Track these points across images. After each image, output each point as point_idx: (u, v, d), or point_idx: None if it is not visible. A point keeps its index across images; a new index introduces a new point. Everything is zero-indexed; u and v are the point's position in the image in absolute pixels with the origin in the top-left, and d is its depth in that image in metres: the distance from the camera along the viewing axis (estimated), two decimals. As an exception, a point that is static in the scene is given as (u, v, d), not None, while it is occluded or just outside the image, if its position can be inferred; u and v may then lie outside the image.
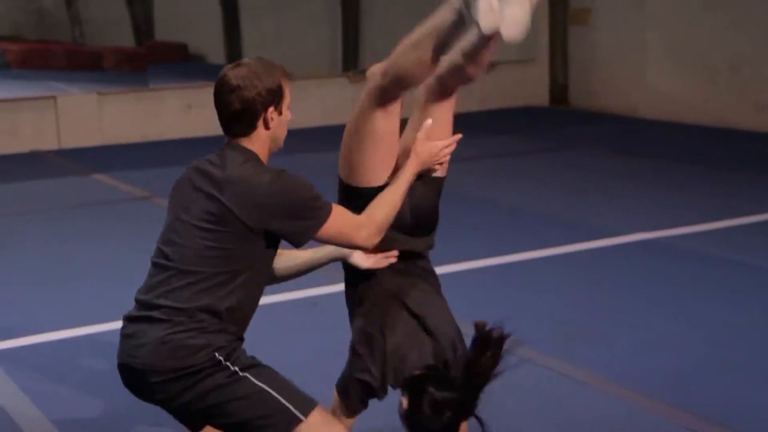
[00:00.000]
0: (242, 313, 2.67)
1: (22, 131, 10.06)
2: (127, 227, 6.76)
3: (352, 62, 15.19)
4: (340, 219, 2.66)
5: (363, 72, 12.83)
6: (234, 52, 18.16)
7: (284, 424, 2.58)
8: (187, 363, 2.55)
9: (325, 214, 2.62)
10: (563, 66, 12.37)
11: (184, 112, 10.73)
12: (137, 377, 2.61)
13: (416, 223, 3.03)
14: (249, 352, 2.72)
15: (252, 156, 2.64)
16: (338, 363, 3.06)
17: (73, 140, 10.11)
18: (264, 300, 2.80)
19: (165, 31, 19.74)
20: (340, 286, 3.09)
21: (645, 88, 11.39)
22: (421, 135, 2.92)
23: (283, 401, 2.58)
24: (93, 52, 17.72)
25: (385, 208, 2.76)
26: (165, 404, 2.64)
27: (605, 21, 11.78)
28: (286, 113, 2.68)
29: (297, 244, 2.66)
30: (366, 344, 2.87)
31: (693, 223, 6.54)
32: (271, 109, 2.62)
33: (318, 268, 3.00)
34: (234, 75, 2.61)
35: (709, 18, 10.61)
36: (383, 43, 12.88)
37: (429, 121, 2.97)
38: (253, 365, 2.62)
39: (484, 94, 12.34)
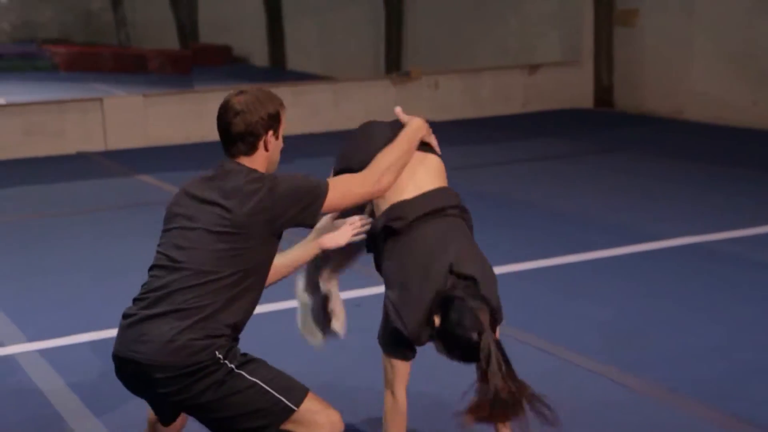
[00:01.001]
0: (245, 314, 2.81)
1: (69, 133, 10.19)
2: (171, 228, 6.81)
3: (395, 64, 15.20)
4: (339, 184, 2.90)
5: (407, 74, 12.74)
6: (277, 55, 18.28)
7: (277, 415, 2.72)
8: (192, 362, 2.66)
9: (324, 187, 2.85)
10: (608, 67, 12.27)
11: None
12: (140, 372, 2.70)
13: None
14: (293, 355, 2.73)
15: (253, 169, 2.84)
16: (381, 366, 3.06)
17: (119, 142, 10.23)
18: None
19: (209, 33, 19.92)
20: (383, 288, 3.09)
21: (691, 90, 11.26)
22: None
23: (275, 394, 2.71)
24: (138, 55, 17.92)
25: (387, 156, 2.98)
26: (162, 399, 2.75)
27: (651, 22, 11.67)
28: (281, 140, 2.90)
29: (311, 225, 2.89)
30: (395, 294, 2.93)
31: (739, 227, 6.45)
32: (270, 132, 2.85)
33: (299, 267, 3.09)
34: (238, 101, 2.84)
35: (757, 19, 10.47)
36: (426, 44, 12.86)
37: (398, 108, 3.20)
38: (247, 361, 2.75)
39: (527, 96, 12.28)
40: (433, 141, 3.24)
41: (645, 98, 11.86)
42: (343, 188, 2.89)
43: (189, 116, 10.54)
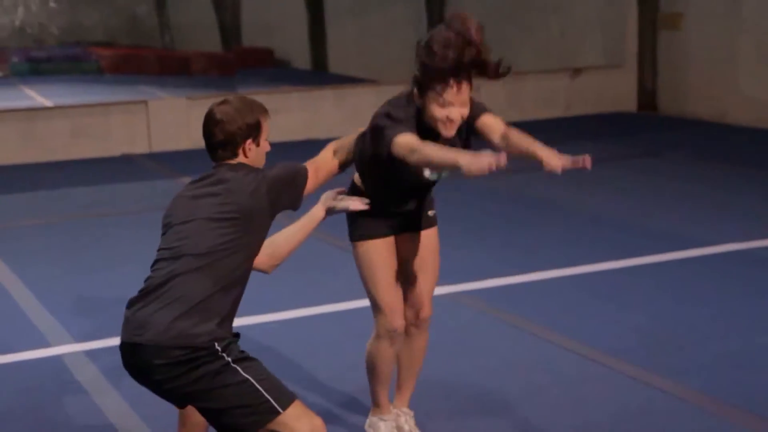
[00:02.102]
0: (237, 301, 2.93)
1: (114, 135, 10.33)
2: (214, 230, 6.88)
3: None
4: (318, 167, 3.20)
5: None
6: (319, 58, 18.35)
7: (263, 414, 2.80)
8: (189, 344, 2.76)
9: (305, 171, 3.08)
10: (652, 71, 12.17)
11: (271, 117, 10.86)
12: (140, 356, 2.80)
13: None
14: (330, 359, 2.75)
15: (242, 165, 3.00)
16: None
17: (163, 144, 10.34)
18: (338, 307, 2.81)
19: (252, 36, 20.05)
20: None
21: (736, 94, 11.13)
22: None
23: (264, 393, 2.80)
24: (182, 57, 18.10)
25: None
26: (159, 385, 2.84)
27: (696, 25, 11.56)
28: (264, 145, 3.04)
29: (298, 207, 3.06)
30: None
31: (786, 233, 6.38)
32: (249, 141, 2.99)
33: (305, 237, 3.13)
34: (219, 111, 2.99)
35: (804, 22, 10.32)
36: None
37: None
38: (244, 358, 2.84)
39: (570, 100, 12.22)
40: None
41: (689, 102, 11.74)
42: (314, 171, 3.15)
43: (232, 119, 10.59)
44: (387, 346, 3.48)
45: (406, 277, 3.51)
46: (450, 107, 3.16)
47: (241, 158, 2.99)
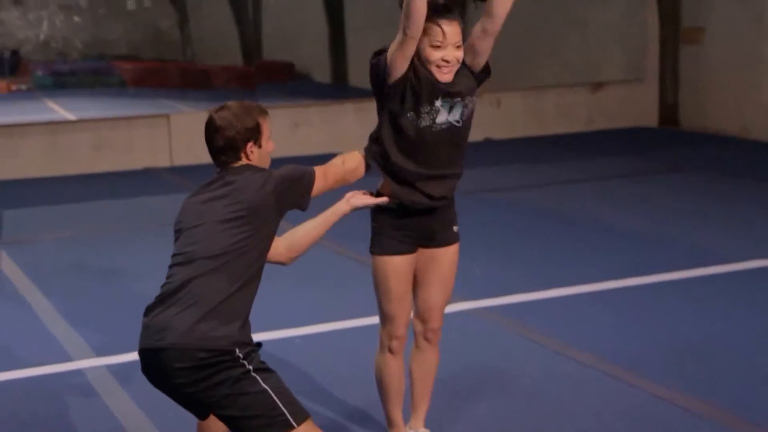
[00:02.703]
0: (252, 301, 2.93)
1: (137, 148, 10.39)
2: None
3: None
4: (327, 170, 3.19)
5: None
6: (339, 71, 18.41)
7: (277, 426, 2.82)
8: (210, 347, 2.78)
9: (312, 173, 3.10)
10: (673, 85, 12.12)
11: (291, 131, 10.91)
12: (161, 360, 2.81)
13: None
14: (347, 374, 2.75)
15: (248, 166, 3.03)
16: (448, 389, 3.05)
17: (185, 158, 10.39)
18: (357, 322, 2.81)
19: (272, 50, 20.14)
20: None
21: (758, 109, 11.06)
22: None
23: (281, 406, 2.82)
24: (204, 71, 18.20)
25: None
26: (178, 389, 2.85)
27: (718, 39, 11.51)
28: (267, 145, 3.08)
29: (305, 207, 3.09)
30: None
31: (811, 249, 6.32)
32: (250, 144, 3.03)
33: (326, 230, 3.18)
34: (218, 117, 3.06)
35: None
36: (491, 63, 12.63)
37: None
38: (264, 369, 2.86)
39: (591, 114, 12.19)
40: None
41: (711, 117, 11.68)
42: (323, 173, 3.16)
43: (253, 133, 10.64)
44: (390, 357, 3.50)
45: (419, 289, 3.51)
46: (443, 49, 3.22)
47: (244, 161, 3.04)
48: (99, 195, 8.99)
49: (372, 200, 3.25)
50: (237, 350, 2.81)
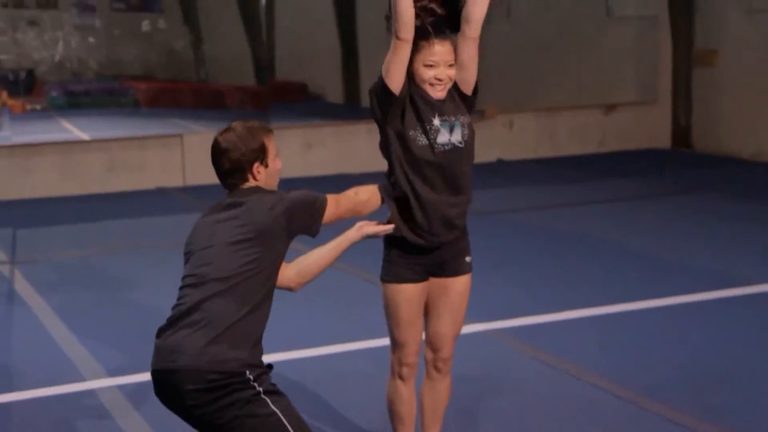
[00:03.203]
0: (264, 323, 2.94)
1: (150, 168, 10.43)
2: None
3: (469, 102, 15.21)
4: (339, 198, 3.17)
5: (482, 113, 12.70)
6: (352, 92, 18.45)
7: None
8: (222, 369, 2.79)
9: (324, 200, 3.09)
10: (686, 107, 12.11)
11: (304, 151, 10.93)
12: (174, 382, 2.82)
13: None
14: (359, 395, 2.73)
15: (258, 188, 3.04)
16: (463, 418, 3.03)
17: (198, 177, 10.41)
18: (370, 344, 2.77)
19: (286, 70, 20.21)
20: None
21: (772, 131, 11.04)
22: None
23: (290, 429, 2.82)
24: (217, 91, 18.27)
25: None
26: (190, 411, 2.85)
27: (732, 62, 11.50)
28: (274, 164, 3.09)
29: (315, 233, 3.08)
30: None
31: (826, 273, 6.28)
32: (256, 164, 3.04)
33: (336, 258, 3.19)
34: (223, 139, 3.06)
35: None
36: (504, 84, 12.77)
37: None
38: (274, 391, 2.86)
39: (604, 136, 12.18)
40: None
41: (724, 139, 11.66)
42: (335, 201, 3.15)
43: (266, 153, 10.66)
44: (401, 383, 3.49)
45: (430, 318, 3.50)
46: (436, 68, 3.29)
47: (251, 182, 3.04)
48: (112, 214, 9.02)
49: (383, 228, 3.25)
50: (247, 372, 2.82)
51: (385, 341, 5.07)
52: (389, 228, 3.28)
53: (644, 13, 12.43)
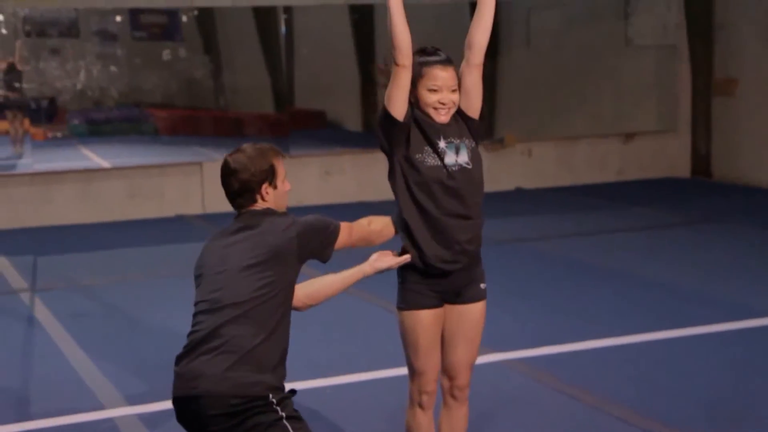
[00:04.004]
0: (285, 344, 2.95)
1: (169, 196, 10.48)
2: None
3: (487, 130, 15.24)
4: (352, 226, 3.18)
5: (501, 141, 12.70)
6: (369, 120, 18.52)
7: None
8: (244, 394, 2.79)
9: (337, 227, 3.11)
10: (706, 136, 12.08)
11: (323, 179, 10.97)
12: (196, 408, 2.83)
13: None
14: (378, 425, 2.72)
15: (269, 210, 3.06)
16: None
17: (217, 205, 10.44)
18: (390, 373, 2.77)
19: (304, 98, 20.31)
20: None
21: (792, 161, 10.99)
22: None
23: None
24: (236, 119, 18.36)
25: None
26: None
27: (751, 91, 11.48)
28: (282, 186, 3.11)
29: (327, 259, 3.11)
30: None
31: None
32: (265, 185, 3.05)
33: (346, 288, 3.22)
34: (232, 160, 3.09)
35: None
36: (523, 112, 12.80)
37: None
38: (296, 417, 2.88)
39: (623, 164, 12.16)
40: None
41: (744, 168, 11.61)
42: (348, 229, 3.17)
43: (285, 181, 10.71)
44: (420, 412, 3.49)
45: (446, 346, 3.49)
46: (439, 92, 3.34)
47: (260, 203, 3.06)
48: (132, 242, 9.06)
49: (395, 261, 3.27)
50: (270, 395, 2.83)
51: (403, 370, 5.08)
52: (403, 260, 3.29)
53: (663, 42, 12.44)
